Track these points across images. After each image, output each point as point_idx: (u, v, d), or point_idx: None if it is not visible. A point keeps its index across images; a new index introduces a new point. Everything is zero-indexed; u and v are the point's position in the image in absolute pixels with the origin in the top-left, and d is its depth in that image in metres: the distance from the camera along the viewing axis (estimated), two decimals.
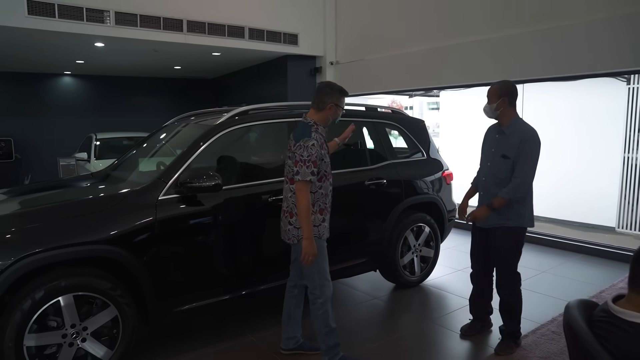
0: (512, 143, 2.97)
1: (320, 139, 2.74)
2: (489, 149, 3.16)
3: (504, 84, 3.04)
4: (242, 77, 10.76)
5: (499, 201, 2.98)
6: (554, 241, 5.82)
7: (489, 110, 3.07)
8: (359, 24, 8.40)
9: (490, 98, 3.05)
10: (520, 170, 2.94)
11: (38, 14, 5.86)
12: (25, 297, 2.43)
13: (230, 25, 7.49)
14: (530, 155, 2.93)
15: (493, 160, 3.09)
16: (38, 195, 3.37)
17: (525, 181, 2.96)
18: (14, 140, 10.10)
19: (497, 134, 3.10)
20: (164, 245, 2.86)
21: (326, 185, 2.82)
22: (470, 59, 6.28)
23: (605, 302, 1.60)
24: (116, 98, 11.58)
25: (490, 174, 3.12)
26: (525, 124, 3.03)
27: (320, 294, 2.80)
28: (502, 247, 3.08)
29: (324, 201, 2.82)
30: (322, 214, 2.81)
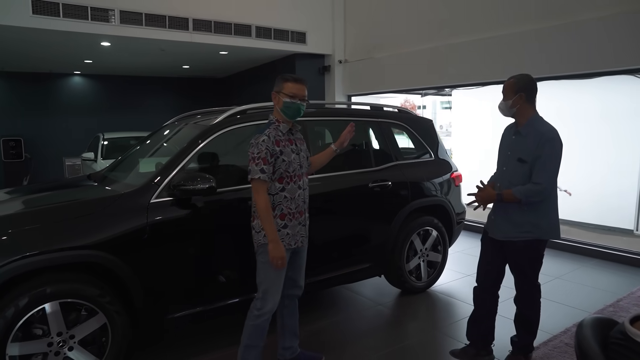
0: (529, 145, 2.64)
1: (277, 136, 2.55)
2: (505, 151, 2.83)
3: (521, 77, 2.70)
4: (252, 76, 10.67)
5: (509, 196, 2.66)
6: (569, 245, 5.59)
7: (504, 108, 2.74)
8: (368, 22, 8.25)
9: (505, 94, 2.72)
10: (540, 175, 2.59)
11: (43, 13, 5.82)
12: (8, 305, 2.34)
13: (237, 23, 7.39)
14: (551, 158, 2.59)
15: (509, 165, 2.77)
16: (29, 198, 3.29)
17: (547, 187, 2.61)
18: (24, 140, 10.15)
19: (514, 134, 2.77)
20: (156, 250, 2.75)
21: (291, 187, 2.59)
22: (481, 56, 6.09)
23: (622, 322, 1.45)
24: (126, 97, 11.58)
25: (506, 179, 2.78)
26: (544, 123, 2.69)
27: (260, 306, 2.59)
28: (520, 263, 2.79)
29: (288, 206, 2.58)
30: (284, 220, 2.57)
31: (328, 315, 3.78)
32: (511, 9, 5.80)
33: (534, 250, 2.75)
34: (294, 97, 2.55)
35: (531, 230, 2.70)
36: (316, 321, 3.65)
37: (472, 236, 6.39)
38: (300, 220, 2.65)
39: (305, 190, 2.69)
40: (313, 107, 4.01)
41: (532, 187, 2.61)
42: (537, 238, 2.72)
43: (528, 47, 5.53)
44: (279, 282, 2.60)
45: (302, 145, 2.74)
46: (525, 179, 2.66)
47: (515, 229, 2.71)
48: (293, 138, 2.66)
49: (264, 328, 2.61)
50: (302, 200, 2.65)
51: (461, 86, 7.37)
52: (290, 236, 2.60)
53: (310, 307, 3.90)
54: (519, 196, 2.62)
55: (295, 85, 2.58)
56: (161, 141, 3.74)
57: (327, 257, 3.57)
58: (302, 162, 2.68)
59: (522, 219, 2.69)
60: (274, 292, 2.58)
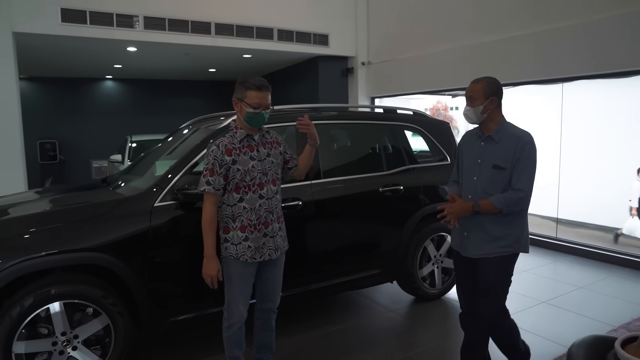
0: (506, 151, 2.42)
1: (231, 144, 2.41)
2: (473, 160, 2.56)
3: (491, 81, 2.48)
4: (277, 78, 10.73)
5: (487, 206, 2.40)
6: (596, 253, 5.34)
7: (473, 115, 2.47)
8: (391, 23, 8.15)
9: (474, 99, 2.45)
10: (521, 181, 2.39)
11: (71, 21, 6.04)
12: (14, 304, 2.41)
13: (259, 26, 7.45)
14: (530, 162, 2.41)
15: (481, 173, 2.50)
16: (41, 200, 3.39)
17: (529, 194, 2.42)
18: (58, 142, 10.56)
19: (483, 141, 2.52)
20: (158, 254, 2.77)
21: (250, 197, 2.42)
22: (508, 56, 5.90)
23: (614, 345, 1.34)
24: (154, 101, 11.88)
25: (479, 189, 2.50)
26: (516, 127, 2.51)
27: (227, 316, 2.54)
28: (492, 281, 2.48)
29: (249, 217, 2.42)
30: (244, 232, 2.43)
31: (337, 320, 3.73)
32: (536, 8, 5.59)
33: (507, 267, 2.51)
34: (257, 107, 2.39)
35: (511, 245, 2.46)
36: (325, 326, 3.62)
37: None
38: (267, 232, 2.48)
39: (271, 200, 2.49)
40: (324, 110, 3.98)
41: (513, 194, 2.39)
42: (514, 252, 2.49)
43: (552, 47, 5.32)
44: (239, 295, 2.50)
45: (274, 150, 2.56)
46: (503, 187, 2.43)
47: (494, 244, 2.46)
48: (255, 144, 2.48)
49: (236, 339, 2.56)
50: (265, 210, 2.47)
51: None
52: (252, 249, 2.45)
53: (319, 312, 3.87)
54: (499, 206, 2.37)
55: (259, 93, 2.39)
56: (173, 145, 3.79)
57: (334, 263, 3.52)
58: (267, 169, 2.48)
59: (502, 233, 2.46)
60: (237, 304, 2.50)
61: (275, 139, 2.62)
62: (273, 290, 2.67)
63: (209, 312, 2.96)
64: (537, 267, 5.07)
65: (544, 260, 5.33)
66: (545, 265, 5.18)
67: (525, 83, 6.03)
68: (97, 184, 3.71)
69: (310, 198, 3.34)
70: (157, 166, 3.45)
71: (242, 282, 2.50)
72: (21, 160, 5.91)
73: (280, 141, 2.64)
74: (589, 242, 5.54)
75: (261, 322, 2.72)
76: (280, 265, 2.65)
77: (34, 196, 3.58)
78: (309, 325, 3.64)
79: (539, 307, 3.96)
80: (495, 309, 2.52)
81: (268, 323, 2.74)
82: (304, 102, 9.01)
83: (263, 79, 2.48)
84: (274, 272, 2.63)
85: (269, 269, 2.60)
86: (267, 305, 2.69)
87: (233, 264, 2.47)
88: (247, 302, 2.55)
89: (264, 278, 2.61)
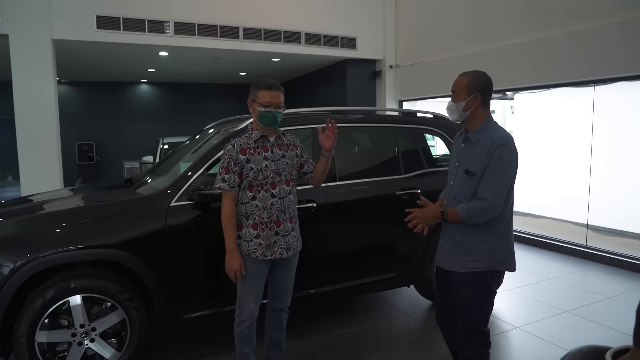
0: (478, 154, 2.21)
1: (246, 144, 2.48)
2: (452, 162, 2.41)
3: (477, 75, 2.29)
4: (306, 82, 10.84)
5: (452, 215, 2.24)
6: (629, 262, 5.11)
7: (455, 110, 2.28)
8: (420, 25, 8.09)
9: (457, 93, 2.28)
10: (486, 189, 2.16)
11: (106, 28, 6.31)
12: (37, 296, 2.56)
13: (287, 30, 7.55)
14: (500, 168, 2.15)
15: (456, 178, 2.33)
16: (69, 198, 3.55)
17: (495, 205, 2.15)
18: (95, 143, 11.02)
19: (463, 142, 2.34)
20: (173, 252, 2.87)
21: (263, 196, 2.49)
22: (537, 57, 5.75)
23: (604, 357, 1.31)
24: (188, 103, 12.21)
25: (452, 196, 2.33)
26: (498, 128, 2.26)
27: (239, 313, 2.59)
28: (466, 299, 2.27)
29: (260, 215, 2.49)
30: (256, 229, 2.49)
31: (353, 323, 3.73)
32: (566, 8, 5.43)
33: (483, 285, 2.26)
34: (268, 105, 2.45)
35: (481, 260, 2.23)
36: (339, 328, 3.63)
37: (520, 248, 6.06)
38: (278, 230, 2.52)
39: (284, 199, 2.54)
40: (341, 113, 4.01)
41: (476, 204, 2.16)
42: (488, 269, 2.24)
43: (584, 47, 5.15)
44: (251, 292, 2.55)
45: (290, 152, 2.61)
46: (472, 195, 2.22)
47: (465, 257, 2.26)
48: (270, 145, 2.55)
49: (247, 335, 2.60)
50: (277, 209, 2.51)
51: (518, 89, 7.00)
52: (263, 247, 2.50)
53: (335, 314, 3.89)
54: (462, 215, 2.18)
55: (269, 93, 2.46)
56: (194, 146, 3.90)
57: (349, 265, 3.54)
58: (281, 169, 2.54)
59: (472, 245, 2.24)
60: (248, 301, 2.55)
61: (293, 142, 2.67)
62: (284, 289, 2.71)
63: (223, 310, 3.03)
64: (564, 275, 4.91)
65: (571, 269, 5.15)
66: (573, 273, 5.01)
67: (556, 85, 5.87)
68: (121, 184, 3.86)
69: (324, 200, 3.36)
70: (181, 167, 3.57)
71: (253, 280, 2.55)
72: (58, 159, 6.20)
73: (298, 144, 2.69)
74: (623, 251, 5.32)
75: (272, 320, 2.77)
76: (292, 265, 2.69)
77: (67, 194, 3.77)
78: (323, 326, 3.66)
79: (562, 316, 3.84)
80: (469, 327, 2.30)
81: (279, 322, 2.78)
82: (332, 105, 9.07)
83: (274, 80, 2.54)
84: (286, 271, 2.66)
85: (281, 269, 2.64)
86: (278, 304, 2.73)
87: (245, 261, 2.52)
88: (259, 300, 2.59)
89: (276, 277, 2.66)
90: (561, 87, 5.90)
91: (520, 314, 3.92)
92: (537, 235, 6.20)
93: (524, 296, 4.32)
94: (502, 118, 13.70)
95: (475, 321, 2.29)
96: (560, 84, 5.72)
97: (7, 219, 2.99)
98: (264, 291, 2.64)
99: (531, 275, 4.90)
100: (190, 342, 3.43)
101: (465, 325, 2.31)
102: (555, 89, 6.13)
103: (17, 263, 2.51)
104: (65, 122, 6.51)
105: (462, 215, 2.20)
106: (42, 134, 6.03)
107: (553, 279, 4.78)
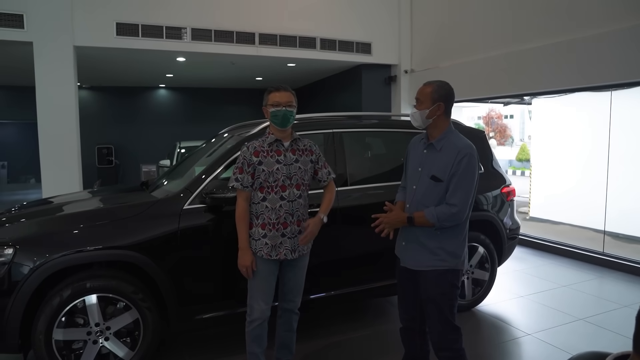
0: (444, 161, 2.34)
1: (260, 147, 2.58)
2: (414, 167, 2.50)
3: (441, 85, 2.40)
4: (322, 87, 10.89)
5: (420, 219, 2.34)
6: None
7: (418, 118, 2.39)
8: (435, 30, 8.07)
9: (421, 101, 2.39)
10: (455, 195, 2.29)
11: (125, 34, 6.45)
12: (55, 295, 2.64)
13: (302, 36, 7.61)
14: (467, 176, 2.30)
15: (420, 183, 2.43)
16: (88, 200, 3.65)
17: (463, 211, 2.31)
18: (114, 147, 11.24)
19: (425, 148, 2.46)
20: (185, 254, 2.93)
21: (272, 198, 2.56)
22: (556, 62, 5.69)
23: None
24: (205, 108, 12.37)
25: (416, 200, 2.43)
26: (461, 137, 2.41)
27: (249, 312, 2.64)
28: (436, 296, 2.39)
29: (269, 216, 2.56)
30: (264, 229, 2.56)
31: (363, 326, 3.75)
32: (587, 10, 5.37)
33: (448, 283, 2.39)
34: (277, 105, 2.56)
35: (445, 259, 2.37)
36: (350, 332, 3.64)
37: (536, 254, 6.00)
38: (285, 232, 2.58)
39: (293, 203, 2.59)
40: (351, 118, 4.03)
41: (446, 209, 2.30)
42: (452, 268, 2.38)
43: (607, 51, 5.08)
44: (261, 292, 2.61)
45: (304, 157, 2.65)
46: (439, 200, 2.35)
47: (431, 256, 2.39)
48: (283, 149, 2.61)
49: (257, 335, 2.64)
50: (286, 211, 2.58)
51: (535, 94, 6.93)
52: (269, 247, 2.57)
53: (347, 318, 3.90)
54: (432, 220, 2.31)
55: (278, 93, 2.60)
56: (209, 151, 3.97)
57: (359, 269, 3.56)
58: (293, 174, 2.59)
59: (437, 246, 2.38)
60: (258, 300, 2.60)
61: (309, 148, 2.71)
62: (293, 290, 2.76)
63: (235, 312, 3.08)
64: (579, 282, 4.84)
65: (587, 276, 5.08)
66: (589, 281, 4.93)
67: (574, 90, 5.80)
68: (137, 187, 3.95)
69: (335, 205, 3.38)
70: (195, 171, 3.64)
71: (262, 279, 2.60)
72: (77, 163, 6.36)
73: (315, 150, 2.73)
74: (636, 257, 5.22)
75: (282, 321, 2.82)
76: (302, 267, 2.74)
77: (86, 196, 3.87)
78: (334, 329, 3.68)
79: (576, 324, 3.79)
80: (442, 324, 2.40)
81: (289, 323, 2.82)
82: (347, 110, 9.09)
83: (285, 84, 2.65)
84: (295, 272, 2.71)
85: (290, 269, 2.70)
86: (288, 305, 2.78)
87: (255, 260, 2.58)
88: (269, 299, 2.64)
89: (286, 278, 2.72)
90: (579, 92, 5.83)
91: (532, 321, 3.89)
92: (552, 241, 6.13)
93: (538, 303, 4.27)
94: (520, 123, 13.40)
95: (448, 317, 2.40)
96: (578, 88, 5.65)
97: (28, 220, 3.10)
98: (274, 292, 2.69)
99: (545, 282, 4.85)
100: (202, 342, 3.49)
101: (440, 324, 2.41)
102: (572, 94, 6.07)
103: (37, 262, 2.61)
104: (85, 126, 6.67)
105: (431, 219, 2.31)
106: (63, 137, 6.19)
107: (568, 286, 4.72)
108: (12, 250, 2.62)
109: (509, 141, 31.13)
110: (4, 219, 3.12)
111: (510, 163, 20.84)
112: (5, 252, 2.61)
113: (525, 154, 19.38)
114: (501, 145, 28.63)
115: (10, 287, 2.58)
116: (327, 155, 3.49)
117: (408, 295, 2.57)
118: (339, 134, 3.56)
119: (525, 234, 6.35)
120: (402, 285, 2.60)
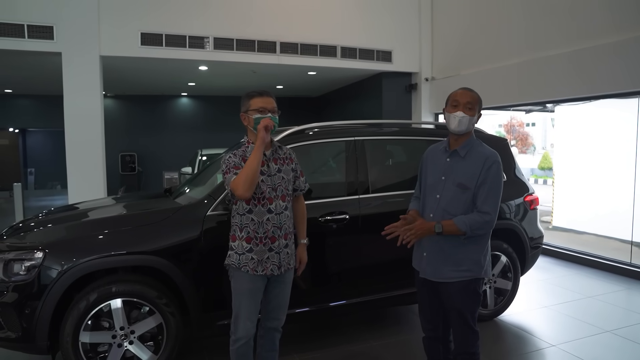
0: (472, 168, 2.32)
1: (244, 155, 2.43)
2: (436, 176, 2.44)
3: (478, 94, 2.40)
4: (342, 94, 10.93)
5: (450, 227, 2.28)
6: None
7: (468, 123, 2.32)
8: (455, 38, 8.04)
9: (472, 108, 2.33)
10: (487, 203, 2.27)
11: (149, 44, 6.62)
12: (82, 298, 2.70)
13: (323, 45, 7.67)
14: (497, 184, 2.29)
15: (445, 191, 2.38)
16: (113, 206, 3.72)
17: (494, 218, 2.29)
18: (137, 155, 11.46)
19: (449, 157, 2.42)
20: (208, 260, 2.96)
21: (259, 210, 2.41)
22: (579, 68, 5.61)
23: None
24: (226, 116, 12.50)
25: (440, 208, 2.37)
26: (484, 145, 2.40)
27: (234, 330, 2.47)
28: (461, 306, 2.36)
29: (255, 229, 2.41)
30: (250, 243, 2.41)
31: (383, 335, 3.72)
32: (611, 16, 5.29)
33: (472, 291, 2.37)
34: (263, 110, 2.41)
35: (471, 269, 2.34)
36: (370, 340, 3.62)
37: (560, 264, 5.88)
38: (272, 247, 2.44)
39: (280, 215, 2.45)
40: (374, 126, 4.04)
41: (479, 217, 2.27)
42: (476, 277, 2.35)
43: (628, 57, 4.99)
44: (246, 309, 2.44)
45: (286, 166, 2.54)
46: (466, 208, 2.31)
47: (454, 267, 2.34)
48: (266, 159, 2.47)
49: (243, 354, 2.47)
50: (273, 225, 2.43)
51: (559, 102, 6.83)
52: (256, 262, 2.42)
53: (367, 326, 3.88)
54: (463, 228, 2.25)
55: (262, 98, 2.46)
56: None
57: (379, 277, 3.54)
58: (277, 184, 2.46)
59: (462, 256, 2.34)
60: (243, 318, 2.44)
61: (289, 155, 2.61)
62: (279, 308, 2.60)
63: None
64: (606, 293, 4.72)
65: (615, 287, 4.95)
66: (616, 292, 4.81)
67: (598, 97, 5.70)
68: (161, 194, 4.02)
69: (357, 212, 3.40)
70: (217, 178, 3.69)
71: (248, 297, 2.45)
72: (102, 169, 6.51)
73: (294, 158, 2.63)
74: None
75: (265, 341, 2.65)
76: (288, 282, 2.59)
77: (110, 202, 3.96)
78: (354, 337, 3.66)
79: (602, 336, 3.69)
80: (466, 331, 2.39)
81: (272, 342, 2.66)
82: (368, 118, 9.09)
83: None
84: (281, 289, 2.57)
85: (277, 285, 2.54)
86: (271, 323, 2.62)
87: (240, 278, 2.46)
88: (254, 317, 2.49)
89: (271, 295, 2.56)
90: (604, 99, 5.72)
91: (557, 332, 3.81)
92: (578, 251, 5.99)
93: (563, 314, 4.18)
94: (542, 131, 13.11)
95: (470, 323, 2.39)
96: (603, 95, 5.55)
97: (55, 225, 3.18)
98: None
99: (571, 293, 4.74)
100: (225, 348, 3.51)
101: (463, 329, 2.40)
102: (597, 101, 5.96)
103: (65, 266, 2.67)
104: (110, 134, 6.84)
105: (462, 228, 2.26)
106: (88, 145, 6.35)
107: (594, 297, 4.61)
108: (42, 254, 2.69)
109: (530, 149, 30.79)
110: (32, 224, 3.21)
111: (532, 171, 20.50)
112: (36, 256, 2.69)
113: (547, 162, 19.08)
114: (523, 154, 28.30)
115: (40, 290, 2.66)
116: (348, 163, 3.50)
117: (430, 305, 2.53)
118: (360, 142, 3.57)
119: (549, 243, 6.24)
120: (423, 295, 2.55)
